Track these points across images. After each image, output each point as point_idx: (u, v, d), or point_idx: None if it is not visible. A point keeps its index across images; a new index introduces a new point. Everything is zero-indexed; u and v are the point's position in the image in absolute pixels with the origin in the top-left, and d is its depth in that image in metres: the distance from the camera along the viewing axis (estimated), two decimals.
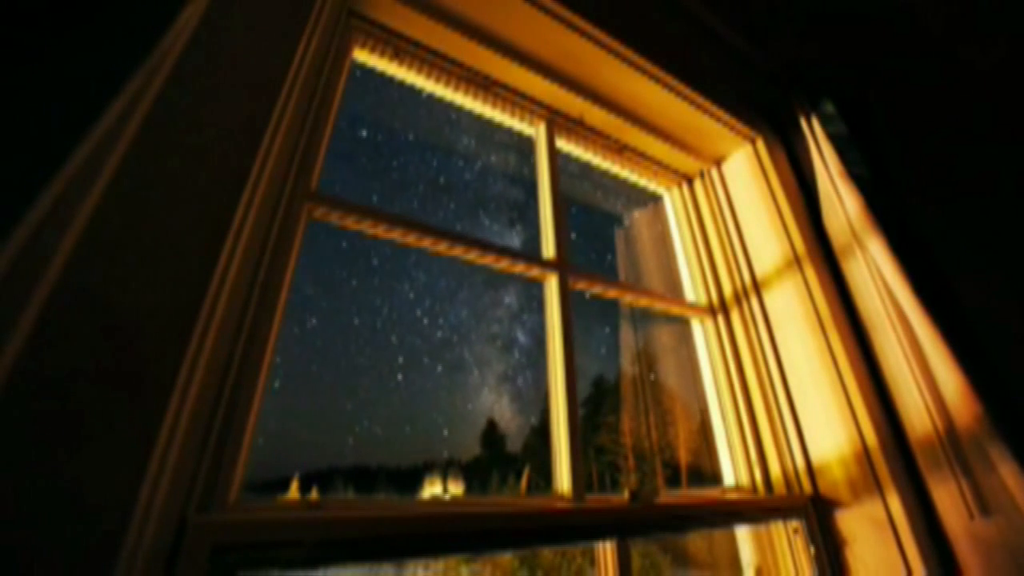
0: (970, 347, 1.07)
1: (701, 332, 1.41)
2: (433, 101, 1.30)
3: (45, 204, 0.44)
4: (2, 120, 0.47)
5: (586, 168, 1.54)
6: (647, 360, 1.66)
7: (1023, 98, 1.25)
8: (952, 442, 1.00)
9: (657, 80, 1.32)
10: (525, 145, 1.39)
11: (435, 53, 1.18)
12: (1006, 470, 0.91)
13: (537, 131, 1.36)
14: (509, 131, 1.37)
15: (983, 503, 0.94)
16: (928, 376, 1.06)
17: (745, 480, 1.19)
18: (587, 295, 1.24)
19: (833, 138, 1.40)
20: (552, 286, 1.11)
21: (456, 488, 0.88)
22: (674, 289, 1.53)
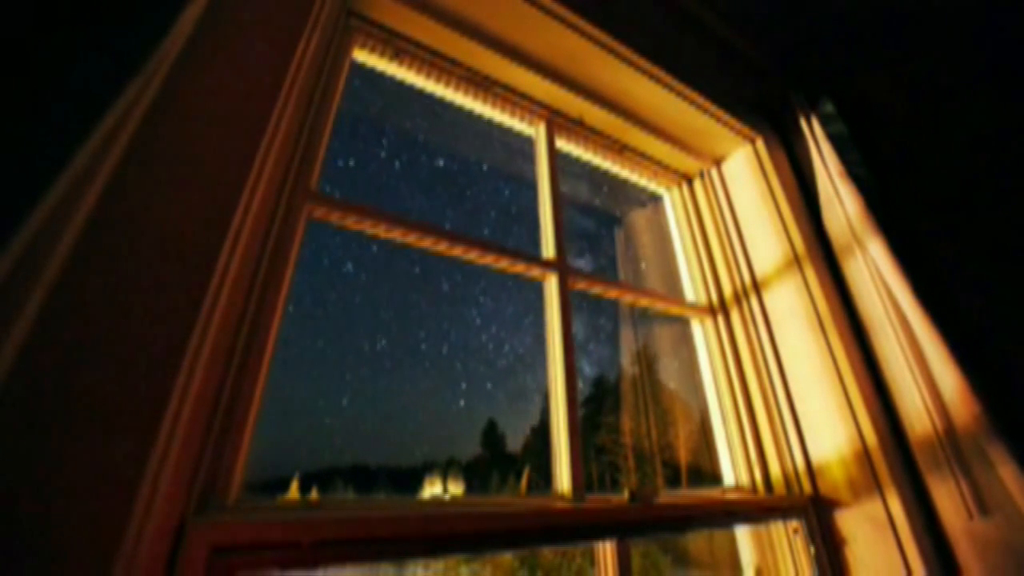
0: (969, 347, 1.07)
1: (701, 332, 1.41)
2: (510, 134, 1.34)
3: (46, 205, 0.44)
4: (4, 121, 0.47)
5: (587, 168, 1.54)
6: (647, 360, 1.66)
7: (1023, 98, 1.25)
8: (951, 442, 1.00)
9: (657, 80, 1.32)
10: (593, 174, 1.43)
11: (435, 53, 1.18)
12: (1005, 470, 0.91)
13: (537, 131, 1.36)
14: (576, 160, 1.40)
15: (982, 503, 0.94)
16: (927, 376, 1.06)
17: (745, 480, 1.19)
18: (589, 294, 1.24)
19: (833, 138, 1.40)
20: (552, 286, 1.11)
21: (456, 488, 0.88)
22: (674, 289, 1.53)
